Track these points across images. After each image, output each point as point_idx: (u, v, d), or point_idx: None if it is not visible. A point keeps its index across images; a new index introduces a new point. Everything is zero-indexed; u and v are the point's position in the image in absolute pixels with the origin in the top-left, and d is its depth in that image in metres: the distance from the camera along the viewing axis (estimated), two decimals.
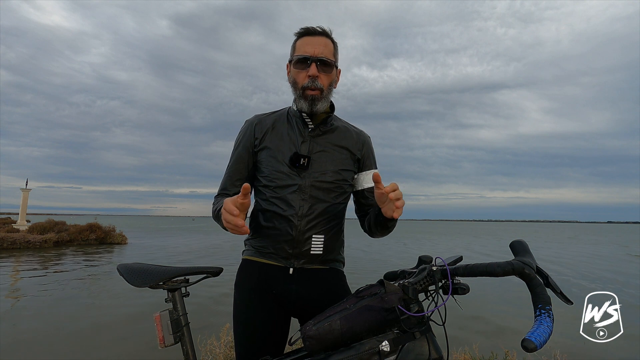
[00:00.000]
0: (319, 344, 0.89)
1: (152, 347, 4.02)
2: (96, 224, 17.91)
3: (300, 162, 1.21)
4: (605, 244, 25.52)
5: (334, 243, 1.27)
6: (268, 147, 1.26)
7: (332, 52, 1.24)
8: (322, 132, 1.27)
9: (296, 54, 1.22)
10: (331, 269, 1.27)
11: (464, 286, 0.89)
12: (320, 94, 1.21)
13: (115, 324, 5.02)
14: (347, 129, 1.34)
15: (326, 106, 1.25)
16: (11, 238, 14.61)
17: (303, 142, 1.24)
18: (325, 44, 1.22)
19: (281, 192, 1.21)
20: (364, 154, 1.33)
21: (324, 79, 1.22)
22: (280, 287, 1.20)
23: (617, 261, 14.01)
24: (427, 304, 0.94)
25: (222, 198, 1.25)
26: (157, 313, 1.03)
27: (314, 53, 1.19)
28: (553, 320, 0.72)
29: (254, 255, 1.26)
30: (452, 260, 0.98)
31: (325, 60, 1.20)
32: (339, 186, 1.26)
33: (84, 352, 3.96)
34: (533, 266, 0.80)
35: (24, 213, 19.46)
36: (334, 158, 1.26)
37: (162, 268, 1.05)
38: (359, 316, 0.90)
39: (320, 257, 1.22)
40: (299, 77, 1.22)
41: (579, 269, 11.45)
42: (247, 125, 1.32)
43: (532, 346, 0.67)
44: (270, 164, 1.24)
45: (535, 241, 25.94)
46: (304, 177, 1.21)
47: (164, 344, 1.01)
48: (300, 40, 1.24)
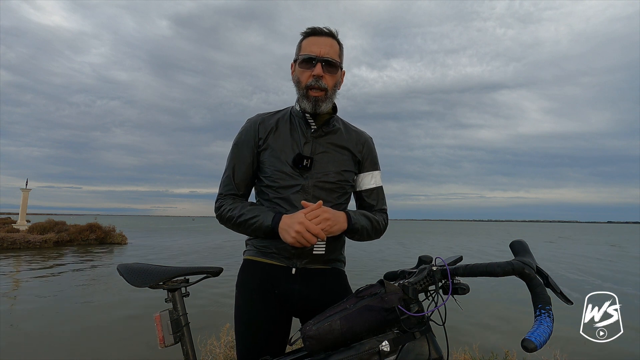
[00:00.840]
0: (319, 344, 0.89)
1: (152, 347, 4.02)
2: (96, 224, 17.92)
3: (303, 163, 1.21)
4: (600, 244, 25.53)
5: (336, 243, 1.27)
6: (271, 147, 1.26)
7: (338, 53, 1.25)
8: (324, 133, 1.28)
9: (302, 54, 1.23)
10: (333, 269, 1.28)
11: (464, 286, 0.89)
12: (325, 95, 1.22)
13: (115, 324, 5.03)
14: (349, 130, 1.34)
15: (329, 107, 1.26)
16: (11, 238, 14.61)
17: (306, 143, 1.25)
18: (331, 44, 1.23)
19: (284, 192, 1.22)
20: (364, 155, 1.34)
21: (329, 80, 1.22)
22: (282, 287, 1.20)
23: (606, 261, 14.03)
24: (427, 304, 0.94)
25: (234, 200, 1.26)
26: (157, 313, 1.03)
27: (319, 53, 1.20)
28: (553, 320, 0.72)
29: (256, 255, 1.26)
30: (452, 260, 0.98)
31: (330, 61, 1.21)
32: (341, 187, 1.27)
33: (83, 352, 3.96)
34: (533, 266, 0.80)
35: (24, 213, 19.46)
36: (335, 159, 1.27)
37: (162, 268, 1.05)
38: (359, 316, 0.90)
39: (322, 257, 1.23)
40: (303, 76, 1.22)
41: (561, 268, 11.49)
42: (250, 124, 1.31)
43: (532, 346, 0.67)
44: (273, 165, 1.24)
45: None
46: (307, 178, 1.22)
47: (164, 344, 1.01)
48: (306, 40, 1.24)
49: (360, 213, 1.26)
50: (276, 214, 1.16)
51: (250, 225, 1.18)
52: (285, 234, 1.10)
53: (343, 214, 1.19)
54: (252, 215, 1.18)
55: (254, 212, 1.19)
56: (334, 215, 1.13)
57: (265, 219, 1.16)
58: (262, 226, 1.16)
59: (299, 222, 1.07)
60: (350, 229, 1.19)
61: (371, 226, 1.26)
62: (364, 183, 1.34)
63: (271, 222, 1.14)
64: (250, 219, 1.18)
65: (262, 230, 1.17)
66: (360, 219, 1.23)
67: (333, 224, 1.12)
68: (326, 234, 1.10)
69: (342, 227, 1.16)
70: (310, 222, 1.07)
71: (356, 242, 1.31)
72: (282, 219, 1.13)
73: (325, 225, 1.09)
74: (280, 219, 1.14)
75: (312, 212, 1.09)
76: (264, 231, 1.16)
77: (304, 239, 1.07)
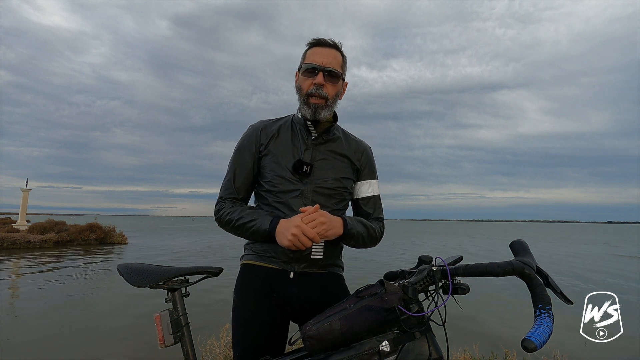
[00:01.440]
0: (319, 344, 0.89)
1: (152, 347, 4.02)
2: (96, 224, 17.92)
3: (303, 169, 1.24)
4: (596, 243, 25.53)
5: (334, 249, 1.29)
6: (272, 153, 1.29)
7: (341, 64, 1.29)
8: (324, 140, 1.31)
9: (305, 63, 1.27)
10: (331, 273, 1.29)
11: (464, 286, 0.89)
12: (325, 103, 1.25)
13: (115, 323, 5.03)
14: (348, 139, 1.38)
15: (329, 115, 1.30)
16: (11, 238, 14.62)
17: (306, 149, 1.28)
18: (334, 55, 1.27)
19: (284, 196, 1.24)
20: (362, 163, 1.37)
21: (330, 89, 1.26)
22: (282, 291, 1.21)
23: (600, 260, 14.06)
24: (427, 304, 0.94)
25: (233, 204, 1.28)
26: (157, 313, 1.03)
27: (322, 63, 1.24)
28: (553, 320, 0.72)
29: (254, 259, 1.27)
30: (452, 260, 0.99)
31: (332, 71, 1.25)
32: (339, 193, 1.29)
33: (83, 352, 3.96)
34: (533, 266, 0.80)
35: (24, 213, 19.46)
36: (335, 166, 1.30)
37: (162, 268, 1.05)
38: (359, 316, 0.90)
39: (320, 261, 1.24)
40: (305, 84, 1.27)
41: (556, 267, 11.51)
42: (252, 130, 1.34)
43: (532, 346, 0.67)
44: (273, 170, 1.26)
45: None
46: (306, 183, 1.24)
47: (164, 344, 1.01)
48: (311, 50, 1.28)
49: (357, 219, 1.27)
50: (274, 218, 1.18)
51: (248, 229, 1.20)
52: (282, 237, 1.12)
53: (339, 219, 1.20)
54: (251, 218, 1.20)
55: (252, 215, 1.21)
56: (330, 220, 1.14)
57: (262, 223, 1.18)
58: (259, 229, 1.18)
59: (295, 225, 1.08)
60: (346, 234, 1.20)
61: (367, 233, 1.27)
62: (362, 191, 1.37)
63: (268, 226, 1.16)
64: (248, 222, 1.20)
65: (259, 233, 1.18)
66: (357, 225, 1.24)
67: (329, 227, 1.13)
68: (322, 237, 1.11)
69: (338, 232, 1.17)
70: (306, 225, 1.08)
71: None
72: (280, 222, 1.15)
73: (321, 229, 1.10)
74: (278, 222, 1.15)
75: (309, 215, 1.10)
76: (262, 234, 1.18)
77: (300, 242, 1.08)
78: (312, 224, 1.09)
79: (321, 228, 1.10)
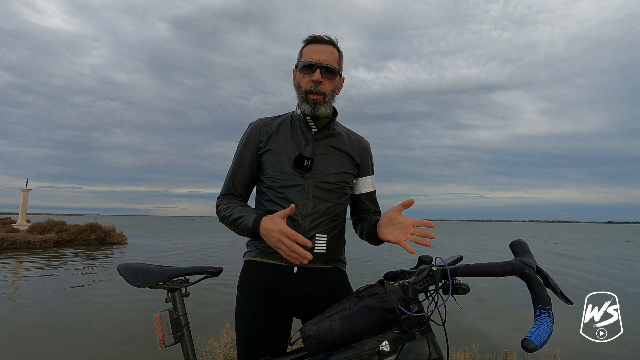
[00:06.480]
0: (319, 344, 0.89)
1: (152, 347, 4.02)
2: (96, 224, 17.92)
3: (304, 164, 1.24)
4: (592, 242, 25.50)
5: (337, 242, 1.29)
6: (272, 149, 1.29)
7: (337, 60, 1.29)
8: (324, 135, 1.31)
9: (302, 60, 1.27)
10: (334, 268, 1.30)
11: (464, 286, 0.89)
12: (323, 99, 1.26)
13: (115, 323, 5.03)
14: (348, 135, 1.39)
15: (328, 111, 1.30)
16: (11, 238, 14.61)
17: (307, 144, 1.28)
18: (330, 52, 1.27)
19: (285, 192, 1.24)
20: (363, 159, 1.38)
21: (327, 85, 1.27)
22: (285, 287, 1.21)
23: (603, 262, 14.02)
24: (427, 304, 0.94)
25: (230, 200, 1.30)
26: (157, 313, 1.03)
27: (319, 60, 1.24)
28: (553, 320, 0.72)
29: (257, 256, 1.27)
30: (452, 260, 0.98)
31: (329, 67, 1.25)
32: (340, 187, 1.29)
33: (83, 352, 3.96)
34: (533, 266, 0.79)
35: (24, 213, 19.46)
36: (335, 161, 1.30)
37: (162, 268, 1.05)
38: (359, 316, 0.90)
39: (323, 256, 1.24)
40: (303, 81, 1.27)
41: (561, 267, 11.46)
42: (252, 128, 1.35)
43: (532, 346, 0.67)
44: (274, 165, 1.27)
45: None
46: (307, 178, 1.24)
47: (164, 344, 1.01)
48: (307, 47, 1.29)
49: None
50: (257, 216, 1.16)
51: (237, 225, 1.21)
52: (267, 240, 1.12)
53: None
54: (239, 215, 1.21)
55: (241, 212, 1.22)
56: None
57: (248, 220, 1.17)
58: (245, 227, 1.18)
59: (279, 230, 1.07)
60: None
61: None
62: (364, 186, 1.38)
63: (252, 224, 1.16)
64: (237, 219, 1.21)
65: (246, 230, 1.19)
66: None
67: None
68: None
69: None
70: (289, 232, 1.06)
71: (356, 244, 1.32)
72: (262, 222, 1.13)
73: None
74: (260, 221, 1.14)
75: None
76: (248, 232, 1.19)
77: (296, 253, 1.06)
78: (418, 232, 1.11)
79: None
